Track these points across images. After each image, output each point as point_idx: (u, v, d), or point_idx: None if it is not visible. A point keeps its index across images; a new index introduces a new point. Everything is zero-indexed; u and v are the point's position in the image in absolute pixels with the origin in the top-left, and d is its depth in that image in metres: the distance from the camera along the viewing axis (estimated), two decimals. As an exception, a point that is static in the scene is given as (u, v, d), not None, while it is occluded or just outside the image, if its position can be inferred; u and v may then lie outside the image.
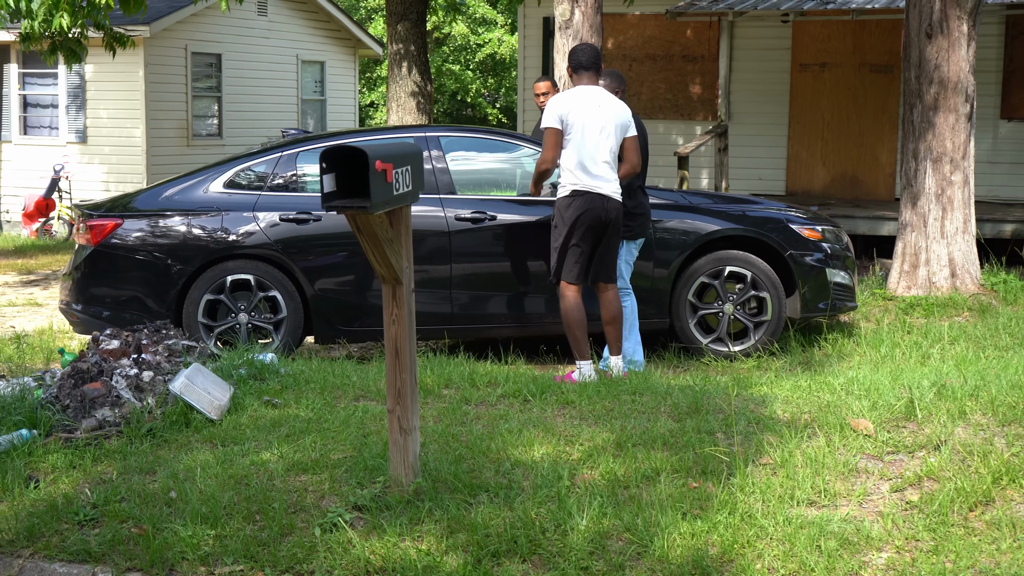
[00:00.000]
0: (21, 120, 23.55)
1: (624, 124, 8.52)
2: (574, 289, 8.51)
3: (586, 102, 8.41)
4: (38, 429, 6.40)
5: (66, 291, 9.91)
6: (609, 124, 8.41)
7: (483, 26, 41.21)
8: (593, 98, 8.44)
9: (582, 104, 8.41)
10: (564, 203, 8.45)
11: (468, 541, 4.86)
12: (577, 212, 8.37)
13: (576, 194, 8.39)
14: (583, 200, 8.37)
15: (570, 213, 8.40)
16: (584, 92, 8.48)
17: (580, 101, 8.42)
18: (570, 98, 8.47)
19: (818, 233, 9.95)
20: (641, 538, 4.83)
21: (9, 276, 16.88)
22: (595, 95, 8.47)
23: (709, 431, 6.25)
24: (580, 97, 8.45)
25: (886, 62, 17.57)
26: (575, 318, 8.51)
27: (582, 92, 8.48)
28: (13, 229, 23.58)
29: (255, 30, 25.23)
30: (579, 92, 8.48)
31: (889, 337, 9.72)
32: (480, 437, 6.19)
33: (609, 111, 8.44)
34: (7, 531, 5.21)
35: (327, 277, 9.65)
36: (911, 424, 6.18)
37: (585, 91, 8.48)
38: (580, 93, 8.47)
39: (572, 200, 8.40)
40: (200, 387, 6.74)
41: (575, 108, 8.40)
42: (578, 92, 8.49)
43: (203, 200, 9.75)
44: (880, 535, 4.85)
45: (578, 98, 8.44)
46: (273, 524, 5.08)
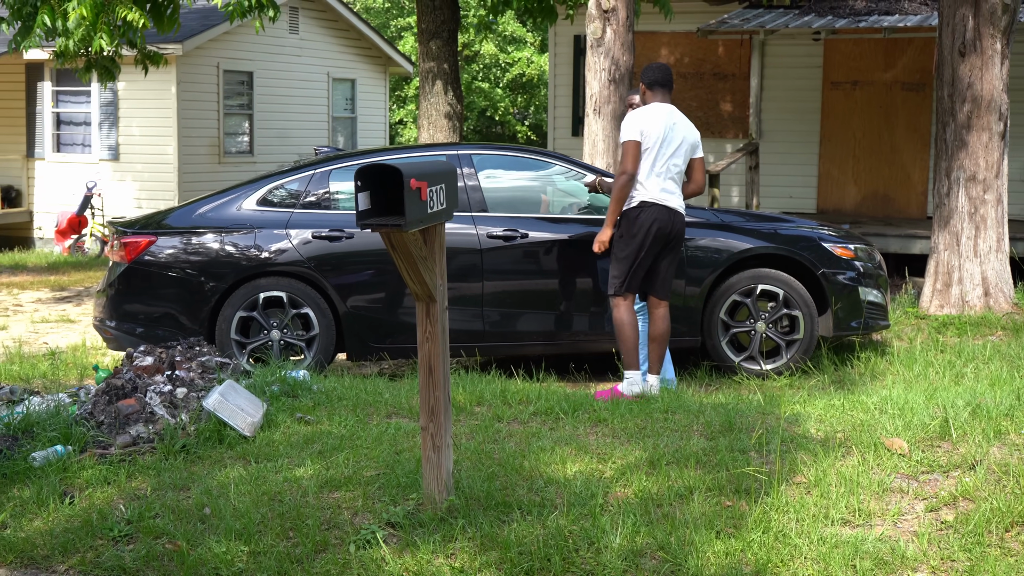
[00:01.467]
0: (54, 138, 23.71)
1: (694, 144, 8.62)
2: (630, 300, 8.54)
3: (664, 118, 8.49)
4: (73, 445, 6.43)
5: (100, 308, 9.97)
6: (683, 142, 8.50)
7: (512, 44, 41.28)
8: (669, 115, 8.53)
9: (660, 120, 8.48)
10: (633, 213, 8.46)
11: (501, 558, 4.86)
12: (646, 223, 8.40)
13: (644, 205, 8.42)
14: (652, 211, 8.40)
15: (639, 224, 8.41)
16: (661, 108, 8.55)
17: (658, 117, 8.50)
18: (649, 113, 8.52)
19: (851, 252, 9.92)
20: (675, 556, 4.81)
21: (42, 292, 16.98)
22: (671, 112, 8.56)
23: (742, 449, 6.23)
24: (658, 113, 8.52)
25: (918, 80, 17.52)
26: (630, 328, 8.52)
27: (659, 108, 8.55)
28: (46, 246, 23.72)
29: (286, 48, 25.35)
30: (657, 108, 8.55)
31: (922, 356, 9.68)
32: (513, 454, 6.19)
33: (682, 129, 8.56)
34: (43, 546, 5.23)
35: (359, 294, 9.67)
36: (946, 443, 6.15)
37: (662, 108, 8.56)
38: (658, 109, 8.55)
39: (640, 211, 8.43)
40: (233, 404, 6.76)
41: (654, 123, 8.47)
42: (656, 108, 8.55)
43: (236, 217, 9.80)
44: (915, 555, 4.83)
45: (656, 114, 8.51)
46: (307, 541, 5.09)
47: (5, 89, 24.00)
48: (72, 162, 23.59)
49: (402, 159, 9.90)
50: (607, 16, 11.54)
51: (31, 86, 23.75)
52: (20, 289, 17.27)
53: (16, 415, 6.97)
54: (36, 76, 23.65)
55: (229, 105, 24.02)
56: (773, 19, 16.58)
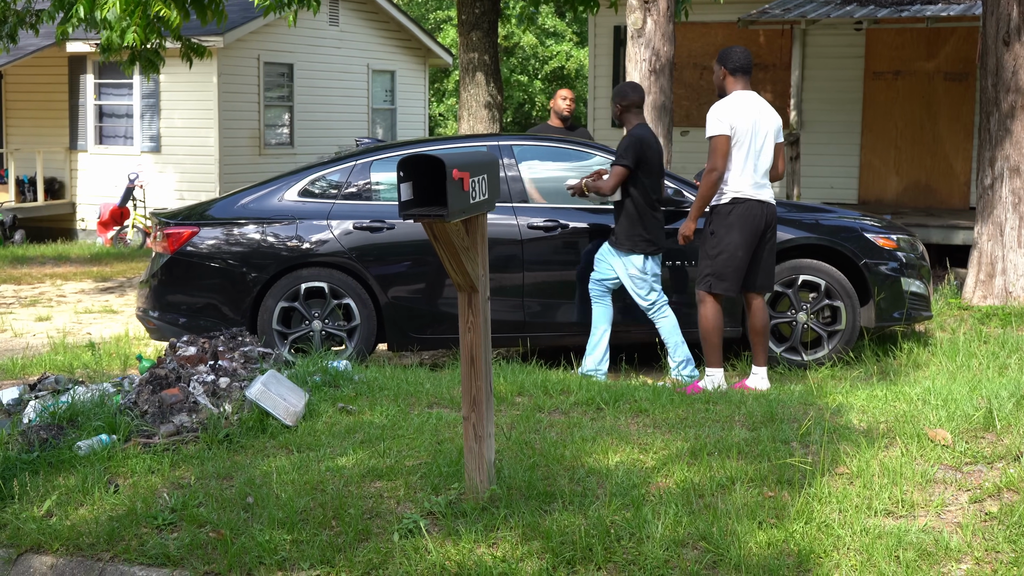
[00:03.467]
0: (96, 130, 23.89)
1: (778, 130, 8.56)
2: (719, 298, 8.54)
3: (750, 108, 8.41)
4: (117, 434, 6.48)
5: (143, 298, 10.03)
6: (771, 130, 8.44)
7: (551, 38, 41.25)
8: (755, 104, 8.44)
9: (747, 110, 8.41)
10: (725, 210, 8.40)
11: (543, 548, 4.87)
12: (739, 220, 8.35)
13: (736, 202, 8.36)
14: (744, 207, 8.35)
15: (731, 220, 8.36)
16: (746, 98, 8.45)
17: (745, 107, 8.42)
18: (733, 104, 8.43)
19: (893, 242, 9.86)
20: (717, 546, 4.81)
21: (85, 283, 17.10)
22: (756, 100, 8.47)
23: (784, 440, 6.21)
24: (744, 103, 8.43)
25: (961, 70, 17.40)
26: (715, 325, 8.50)
27: (744, 98, 8.45)
28: (89, 237, 23.90)
29: (326, 40, 25.42)
30: (742, 98, 8.45)
31: (965, 347, 9.62)
32: (554, 444, 6.19)
33: (769, 117, 8.48)
34: (88, 534, 5.27)
35: (400, 285, 9.70)
36: (989, 435, 6.12)
37: (746, 96, 8.46)
38: (743, 99, 8.44)
39: (733, 207, 8.36)
40: (276, 393, 6.80)
41: (743, 115, 8.39)
42: (741, 98, 8.44)
43: (278, 208, 9.84)
44: (959, 546, 4.80)
45: (744, 105, 8.43)
46: (349, 530, 5.11)
47: (49, 82, 24.20)
48: (114, 154, 23.77)
49: (444, 150, 9.91)
50: (648, 6, 11.50)
51: (74, 79, 23.93)
52: (64, 280, 17.40)
53: (61, 404, 7.03)
54: (79, 69, 23.82)
55: (269, 97, 24.12)
56: (814, 9, 16.49)
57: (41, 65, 23.89)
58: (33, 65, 23.90)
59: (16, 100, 24.75)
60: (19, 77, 24.45)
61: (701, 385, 8.40)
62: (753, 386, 8.41)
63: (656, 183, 9.09)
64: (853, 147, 18.12)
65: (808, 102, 17.60)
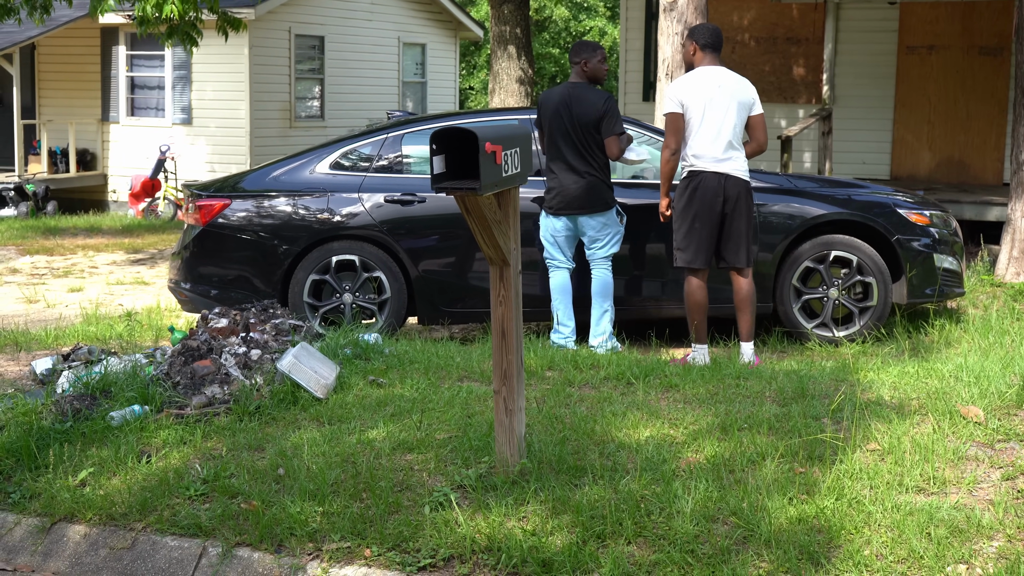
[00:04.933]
0: (128, 101, 23.96)
1: (747, 102, 8.51)
2: (697, 272, 8.53)
3: (707, 83, 8.42)
4: (150, 405, 6.52)
5: (175, 270, 10.07)
6: (731, 103, 8.41)
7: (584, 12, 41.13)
8: (715, 78, 8.45)
9: (703, 85, 8.42)
10: (682, 186, 8.50)
11: (573, 522, 4.87)
12: (695, 193, 8.39)
13: (692, 175, 8.42)
14: (698, 180, 8.39)
15: (687, 195, 8.43)
16: (703, 73, 8.49)
17: (700, 82, 8.45)
18: (688, 81, 8.51)
19: (926, 218, 9.81)
20: (747, 521, 4.80)
21: (117, 255, 17.18)
22: (715, 74, 8.47)
23: (815, 416, 6.20)
24: (699, 79, 8.47)
25: (996, 44, 17.24)
26: (695, 302, 8.54)
27: (701, 73, 8.50)
28: (120, 209, 24.00)
29: (357, 12, 25.41)
30: (697, 74, 8.51)
31: (998, 324, 9.57)
32: (584, 419, 6.20)
33: (730, 89, 8.45)
34: (121, 504, 5.31)
35: (431, 258, 9.71)
36: (1022, 412, 6.09)
37: (704, 72, 8.50)
38: (699, 75, 8.50)
39: (689, 181, 8.44)
40: (307, 366, 6.82)
41: (694, 90, 8.44)
42: (696, 74, 8.52)
43: (309, 181, 9.86)
44: (991, 523, 4.79)
45: (696, 80, 8.47)
46: (380, 502, 5.12)
47: (81, 54, 24.27)
48: (146, 126, 23.84)
49: (476, 123, 9.90)
50: (680, -21, 11.43)
51: (106, 50, 23.99)
52: (95, 251, 17.49)
53: (94, 375, 7.08)
54: (111, 40, 23.88)
55: (300, 69, 24.13)
56: (848, -18, 16.37)
57: (73, 36, 23.95)
58: (65, 36, 23.96)
59: (48, 71, 24.82)
60: (51, 48, 24.52)
61: (688, 359, 8.44)
62: (690, 359, 8.42)
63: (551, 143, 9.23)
64: (886, 122, 18.00)
65: (841, 76, 17.48)
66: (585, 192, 9.06)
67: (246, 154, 22.61)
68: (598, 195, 9.10)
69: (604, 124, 9.03)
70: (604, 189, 9.14)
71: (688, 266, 8.55)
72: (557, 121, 9.10)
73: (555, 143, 9.14)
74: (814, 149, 17.88)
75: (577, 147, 9.05)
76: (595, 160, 9.08)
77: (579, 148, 9.05)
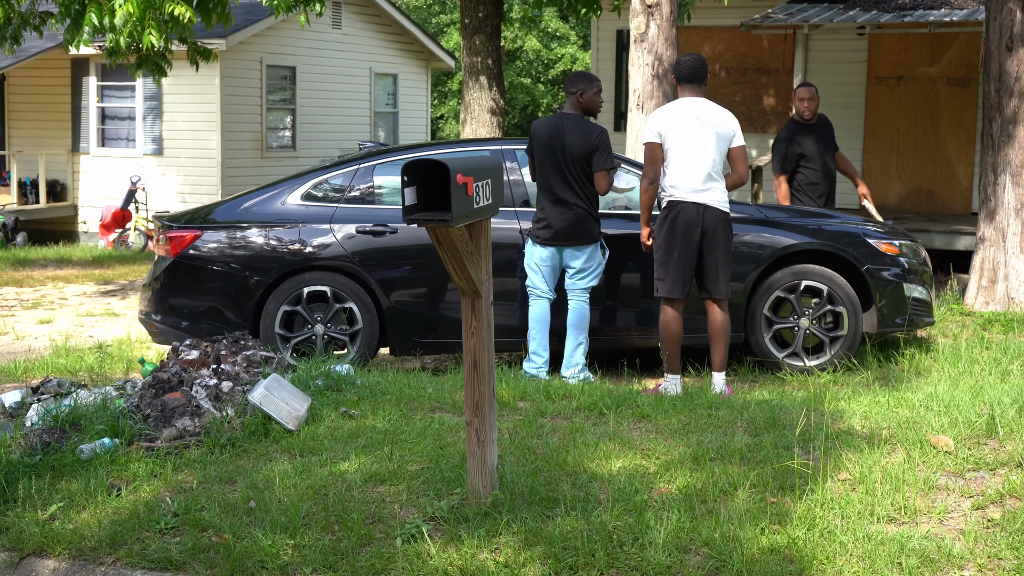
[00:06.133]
0: (99, 132, 23.92)
1: (726, 134, 8.56)
2: (673, 303, 8.57)
3: (686, 113, 8.48)
4: (120, 438, 6.48)
5: (145, 301, 10.03)
6: (709, 135, 8.45)
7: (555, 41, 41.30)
8: (692, 109, 8.50)
9: (682, 116, 8.48)
10: (661, 216, 8.54)
11: (546, 553, 4.87)
12: (671, 224, 8.44)
13: (671, 206, 8.47)
14: (676, 210, 8.44)
15: (666, 226, 8.48)
16: (683, 104, 8.55)
17: (679, 113, 8.51)
18: (666, 112, 8.58)
19: (895, 248, 9.86)
20: (719, 552, 4.81)
21: (87, 286, 17.11)
22: (694, 106, 8.52)
23: (786, 446, 6.21)
24: (677, 110, 8.53)
25: (964, 75, 17.39)
26: (670, 332, 8.60)
27: (681, 105, 8.56)
28: (91, 240, 23.91)
29: (329, 43, 25.45)
30: (678, 105, 8.58)
31: (967, 353, 9.61)
32: (556, 450, 6.19)
33: (710, 121, 8.49)
34: (90, 538, 5.28)
35: (403, 289, 9.70)
36: (992, 441, 6.12)
37: (685, 103, 8.55)
38: (679, 106, 8.57)
39: (668, 212, 8.49)
40: (278, 398, 6.80)
41: (672, 121, 8.51)
42: (676, 105, 8.59)
43: (280, 212, 9.85)
44: (962, 553, 4.80)
45: (675, 111, 8.53)
46: (351, 534, 5.11)
47: (51, 84, 24.22)
48: (116, 156, 23.79)
49: (447, 154, 9.92)
50: (651, 10, 11.50)
51: (76, 81, 23.96)
52: (65, 283, 17.41)
53: (64, 408, 7.03)
54: (81, 71, 23.84)
55: (272, 100, 24.14)
56: (817, 14, 16.50)
57: (44, 67, 23.91)
58: (36, 67, 23.91)
59: (19, 102, 24.76)
60: (22, 79, 24.47)
61: (660, 389, 8.48)
62: (662, 389, 8.45)
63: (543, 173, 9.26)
64: (855, 152, 18.10)
65: (811, 107, 17.57)
66: (573, 224, 9.09)
67: (217, 185, 22.58)
68: (585, 228, 9.13)
69: (595, 158, 9.06)
70: (591, 222, 9.17)
71: (665, 296, 8.59)
72: (548, 151, 9.13)
73: (545, 173, 9.16)
74: (784, 179, 17.93)
75: (567, 178, 9.08)
76: (584, 192, 9.11)
77: (568, 180, 9.08)
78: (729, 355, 9.64)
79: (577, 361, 9.23)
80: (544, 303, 9.27)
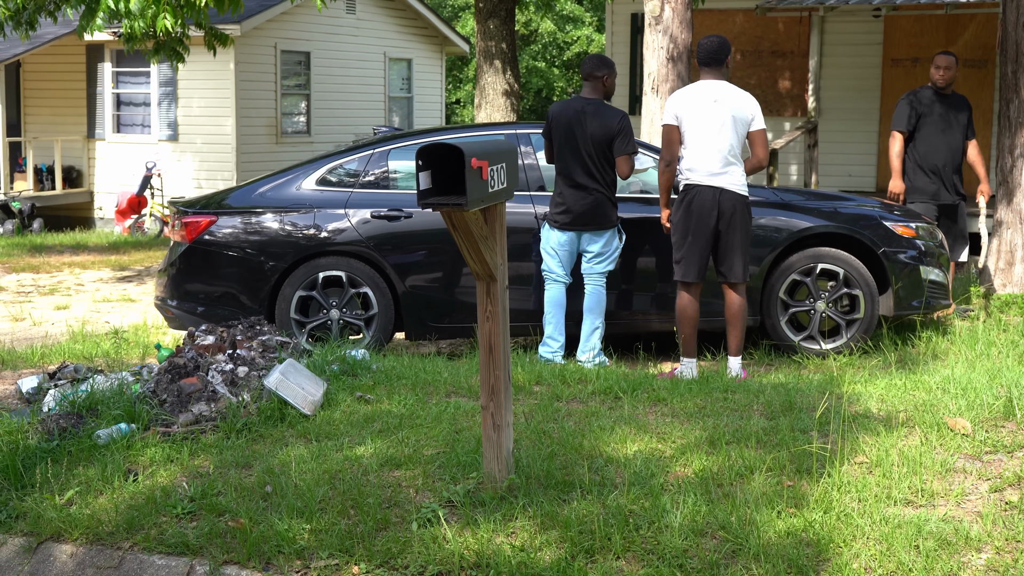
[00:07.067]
0: (114, 118, 23.94)
1: (745, 118, 8.51)
2: (690, 286, 8.55)
3: (703, 96, 8.45)
4: (136, 423, 6.50)
5: (161, 287, 10.05)
6: (727, 118, 8.42)
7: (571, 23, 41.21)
8: (709, 93, 8.46)
9: (699, 98, 8.46)
10: (678, 200, 8.52)
11: (562, 537, 4.87)
12: (687, 207, 8.42)
13: (688, 189, 8.45)
14: (692, 194, 8.41)
15: (682, 209, 8.46)
16: (700, 87, 8.52)
17: (696, 96, 8.49)
18: (684, 94, 8.56)
19: (912, 230, 9.82)
20: (736, 535, 4.80)
21: (103, 272, 17.14)
22: (712, 89, 8.49)
23: (803, 429, 6.20)
24: (695, 93, 8.51)
25: (980, 57, 17.31)
26: (686, 316, 8.57)
27: (699, 87, 8.54)
28: (106, 226, 23.96)
29: (343, 28, 25.43)
30: (695, 88, 8.56)
31: (985, 336, 9.58)
32: (572, 434, 6.19)
33: (728, 105, 8.45)
34: (107, 523, 5.29)
35: (418, 274, 9.70)
36: (1010, 424, 6.10)
37: (702, 86, 8.52)
38: (696, 89, 8.54)
39: (684, 195, 8.47)
40: (294, 383, 6.80)
41: (689, 104, 8.48)
42: (694, 88, 8.57)
43: (296, 197, 9.85)
44: (979, 535, 4.79)
45: (693, 94, 8.51)
46: (368, 518, 5.11)
47: (67, 71, 24.25)
48: (132, 142, 23.81)
49: (462, 138, 9.90)
50: (665, -6, 11.46)
51: (92, 67, 23.98)
52: (82, 269, 17.45)
53: (80, 393, 7.05)
54: (96, 57, 23.87)
55: (287, 85, 24.14)
56: (833, -5, 16.42)
57: (59, 53, 23.94)
58: (51, 53, 23.94)
59: (34, 89, 24.80)
60: (37, 66, 24.50)
61: (676, 372, 8.49)
62: (678, 373, 8.44)
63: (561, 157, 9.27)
64: (871, 135, 18.05)
65: (826, 89, 17.54)
66: (592, 209, 9.08)
67: (232, 170, 22.59)
68: (604, 212, 9.12)
69: (617, 143, 9.04)
70: (609, 207, 9.16)
71: (681, 279, 8.57)
72: (569, 135, 9.11)
73: (564, 157, 9.14)
74: (800, 162, 17.94)
75: (587, 163, 9.06)
76: (604, 176, 9.10)
77: (589, 164, 9.06)
78: (745, 339, 9.63)
79: (593, 345, 9.22)
80: (560, 287, 9.26)
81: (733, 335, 8.65)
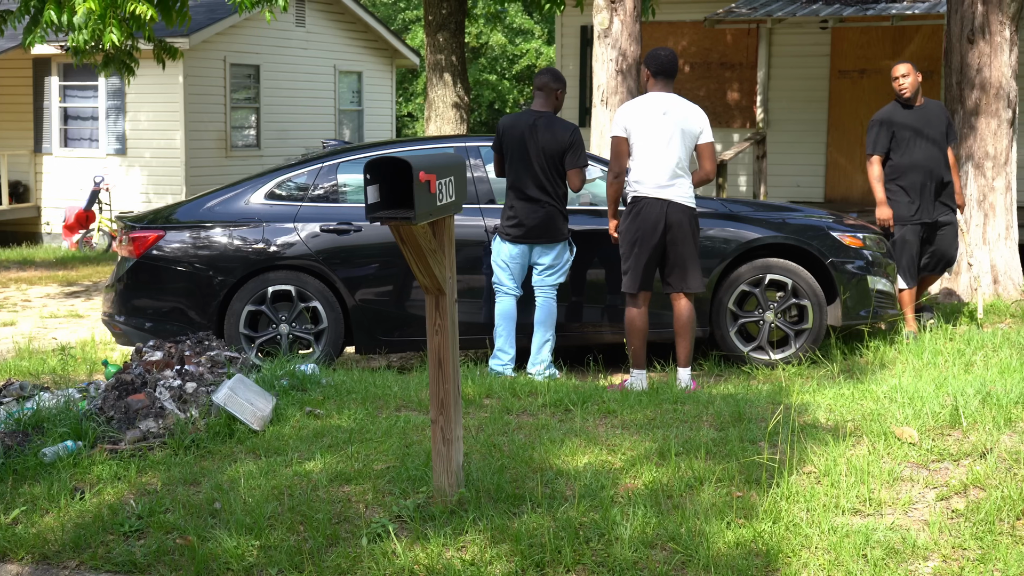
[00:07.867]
0: (62, 132, 23.76)
1: (693, 131, 8.53)
2: (637, 298, 8.56)
3: (653, 108, 8.46)
4: (83, 440, 6.44)
5: (109, 303, 9.98)
6: (675, 130, 8.43)
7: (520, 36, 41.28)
8: (658, 105, 8.48)
9: (649, 111, 8.47)
10: (626, 211, 8.54)
11: (512, 550, 4.86)
12: (634, 219, 8.44)
13: (636, 201, 8.46)
14: (640, 206, 8.43)
15: (628, 221, 8.48)
16: (650, 99, 8.53)
17: (646, 108, 8.50)
18: (633, 106, 8.57)
19: (859, 240, 9.89)
20: (685, 547, 4.81)
21: (51, 288, 17.00)
22: (661, 102, 8.50)
23: (752, 440, 6.23)
24: (644, 105, 8.51)
25: (926, 68, 17.43)
26: (635, 327, 8.58)
27: (648, 100, 8.55)
28: (54, 241, 23.76)
29: (293, 41, 25.36)
30: (644, 100, 8.57)
31: (931, 344, 9.66)
32: (522, 447, 6.19)
33: (677, 117, 8.47)
34: (53, 542, 5.24)
35: (367, 287, 9.67)
36: (956, 432, 6.15)
37: (651, 98, 8.54)
38: (645, 101, 8.55)
39: (632, 208, 8.48)
40: (243, 398, 6.77)
41: (639, 115, 8.50)
42: (643, 100, 8.58)
43: (244, 211, 9.80)
44: (926, 544, 4.82)
45: (642, 106, 8.52)
46: (317, 534, 5.09)
47: (13, 84, 24.05)
48: (79, 156, 23.64)
49: (410, 152, 9.90)
50: (614, 6, 11.52)
51: (38, 81, 23.79)
52: (28, 284, 17.30)
53: (26, 411, 6.98)
54: (43, 71, 23.68)
55: (236, 98, 24.04)
56: (780, 8, 16.55)
57: (4, 67, 23.74)
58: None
59: (-20, 103, 24.60)
60: (-17, 80, 24.30)
61: (626, 384, 8.49)
62: (628, 385, 8.46)
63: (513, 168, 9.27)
64: (819, 145, 18.19)
65: (774, 101, 17.66)
66: (544, 222, 9.10)
67: (182, 184, 22.47)
68: (556, 225, 9.14)
69: (569, 156, 9.06)
70: (561, 220, 9.18)
71: (628, 291, 8.59)
72: (520, 148, 9.11)
73: (516, 170, 9.14)
74: (749, 173, 18.04)
75: (538, 176, 9.07)
76: (555, 189, 9.12)
77: (540, 177, 9.07)
78: (694, 349, 9.67)
79: (544, 358, 9.23)
80: (511, 299, 9.27)
81: (682, 346, 8.67)
